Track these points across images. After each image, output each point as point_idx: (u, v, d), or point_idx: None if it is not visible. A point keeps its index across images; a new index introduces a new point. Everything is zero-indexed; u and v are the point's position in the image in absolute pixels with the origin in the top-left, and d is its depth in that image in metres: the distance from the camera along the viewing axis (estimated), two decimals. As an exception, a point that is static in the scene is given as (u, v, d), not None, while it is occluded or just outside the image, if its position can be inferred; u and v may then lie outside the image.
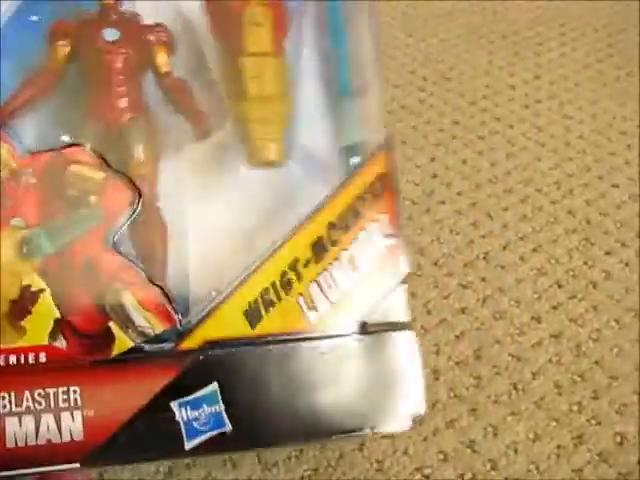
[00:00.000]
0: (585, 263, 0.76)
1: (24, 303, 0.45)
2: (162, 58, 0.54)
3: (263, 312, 0.47)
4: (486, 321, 0.70)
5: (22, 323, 0.45)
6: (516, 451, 0.59)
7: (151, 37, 0.54)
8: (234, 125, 0.52)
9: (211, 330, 0.46)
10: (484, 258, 0.77)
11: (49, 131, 0.51)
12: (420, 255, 0.77)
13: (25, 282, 0.45)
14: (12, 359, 0.45)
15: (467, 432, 0.60)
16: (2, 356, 0.45)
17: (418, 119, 0.99)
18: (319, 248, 0.48)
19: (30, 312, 0.45)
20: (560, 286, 0.74)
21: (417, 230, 0.80)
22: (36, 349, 0.45)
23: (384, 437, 0.59)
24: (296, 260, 0.48)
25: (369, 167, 0.51)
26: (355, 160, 0.51)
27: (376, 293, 0.49)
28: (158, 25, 0.54)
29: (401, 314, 0.50)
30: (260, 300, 0.47)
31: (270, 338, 0.47)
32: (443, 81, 1.08)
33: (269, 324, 0.47)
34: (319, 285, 0.48)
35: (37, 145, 0.49)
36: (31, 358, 0.45)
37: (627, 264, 0.76)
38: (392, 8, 1.27)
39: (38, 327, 0.45)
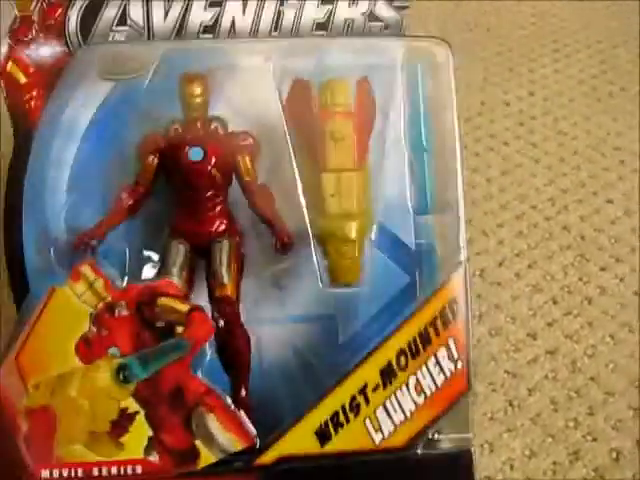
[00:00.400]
0: (580, 279, 0.77)
1: (123, 423, 0.51)
2: (246, 164, 0.55)
3: (332, 432, 0.51)
4: (482, 338, 0.70)
5: (121, 440, 0.50)
6: (512, 467, 0.60)
7: (235, 144, 0.54)
8: (314, 240, 0.54)
9: (284, 447, 0.51)
10: (480, 275, 0.77)
11: (137, 248, 0.54)
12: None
13: (123, 405, 0.51)
14: (113, 470, 0.51)
15: (464, 449, 0.61)
16: (104, 468, 0.51)
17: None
18: (388, 373, 0.51)
19: (128, 430, 0.50)
20: (555, 302, 0.74)
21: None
22: (133, 462, 0.51)
23: None
24: (365, 385, 0.51)
25: (442, 291, 0.53)
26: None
27: (439, 414, 0.51)
28: (243, 133, 0.55)
29: (463, 433, 0.52)
30: (330, 422, 0.51)
31: (337, 455, 0.51)
32: (438, 98, 1.08)
33: (337, 443, 0.51)
34: (385, 409, 0.51)
35: (127, 267, 0.54)
36: (129, 470, 0.51)
37: (622, 279, 0.77)
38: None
39: (135, 443, 0.51)
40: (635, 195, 0.88)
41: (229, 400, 0.51)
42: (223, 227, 0.55)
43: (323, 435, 0.51)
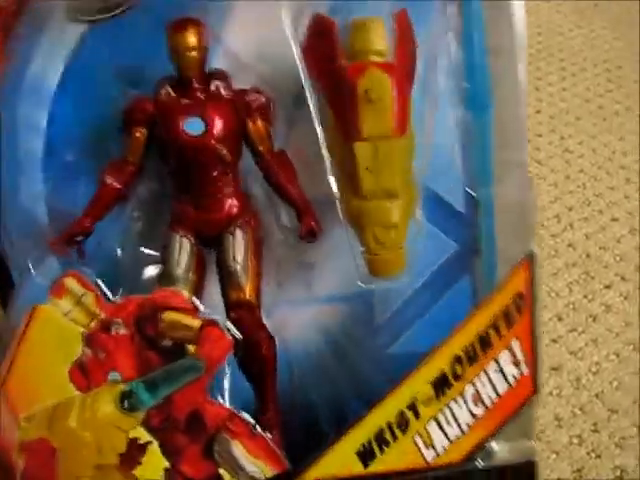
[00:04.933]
0: (585, 296, 0.77)
1: (133, 454, 0.44)
2: (259, 130, 0.45)
3: (377, 452, 0.44)
4: (487, 354, 0.71)
5: (133, 472, 0.44)
6: (517, 483, 0.60)
7: (243, 105, 0.44)
8: (347, 226, 0.45)
9: (323, 469, 0.44)
10: (485, 291, 0.78)
11: (131, 244, 0.46)
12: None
13: (132, 435, 0.44)
14: None
15: (468, 464, 0.61)
16: None
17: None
18: (441, 384, 0.44)
19: (140, 463, 0.44)
20: (560, 319, 0.74)
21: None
22: None
23: None
24: (415, 399, 0.44)
25: (505, 288, 0.44)
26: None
27: (500, 425, 0.45)
28: (252, 90, 0.45)
29: (525, 440, 0.46)
30: (374, 440, 0.44)
31: (383, 476, 0.45)
32: (445, 115, 1.09)
33: (383, 462, 0.44)
34: (438, 422, 0.44)
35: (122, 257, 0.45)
36: None
37: (626, 297, 0.77)
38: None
39: (149, 476, 0.44)
40: (640, 214, 0.88)
41: (253, 422, 0.45)
42: (235, 210, 0.45)
43: (366, 455, 0.44)
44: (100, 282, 0.45)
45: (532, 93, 1.14)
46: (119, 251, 0.46)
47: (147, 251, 0.46)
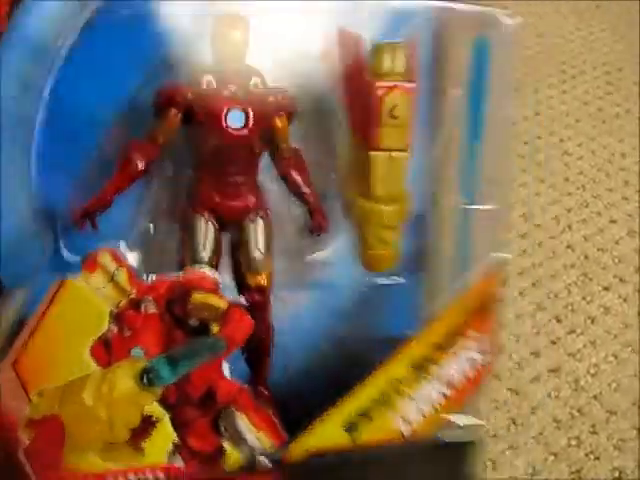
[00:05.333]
0: (584, 298, 0.77)
1: (145, 428, 0.45)
2: (284, 128, 0.47)
3: (361, 426, 0.48)
4: (485, 355, 0.71)
5: (142, 444, 0.45)
6: (515, 485, 0.60)
7: (274, 104, 0.46)
8: (348, 221, 0.50)
9: (313, 442, 0.48)
10: (484, 293, 0.78)
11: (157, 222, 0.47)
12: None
13: (146, 411, 0.45)
14: (131, 477, 0.46)
15: (466, 466, 0.61)
16: (121, 477, 0.45)
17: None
18: (420, 367, 0.49)
19: (150, 434, 0.45)
20: (559, 321, 0.74)
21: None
22: (155, 469, 0.46)
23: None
24: (396, 379, 0.49)
25: (478, 287, 0.50)
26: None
27: (463, 404, 0.50)
28: (281, 89, 0.47)
29: (478, 422, 0.51)
30: (360, 416, 0.48)
31: (364, 448, 0.49)
32: (444, 117, 1.09)
33: (365, 436, 0.48)
34: (415, 401, 0.49)
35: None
36: (150, 476, 0.46)
37: (625, 299, 0.77)
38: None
39: (157, 449, 0.46)
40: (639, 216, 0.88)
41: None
42: (255, 200, 0.48)
43: (352, 429, 0.48)
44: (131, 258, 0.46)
45: (531, 96, 1.14)
46: (152, 228, 0.48)
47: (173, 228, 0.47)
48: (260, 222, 0.48)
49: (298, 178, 0.48)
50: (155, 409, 0.45)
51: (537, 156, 1.00)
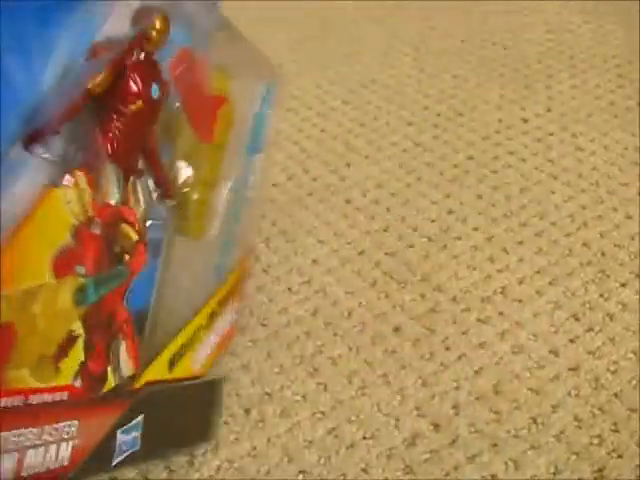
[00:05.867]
0: (601, 295, 0.77)
1: (65, 346, 0.49)
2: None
3: (176, 362, 0.60)
4: (505, 356, 0.71)
5: (59, 364, 0.49)
6: (538, 485, 0.60)
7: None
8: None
9: (150, 374, 0.57)
10: (501, 292, 0.78)
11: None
12: (438, 292, 0.78)
13: (71, 327, 0.49)
14: (47, 397, 0.49)
15: (488, 467, 0.61)
16: (38, 394, 0.48)
17: (432, 155, 1.01)
18: (211, 317, 0.64)
19: (67, 355, 0.49)
20: (577, 319, 0.75)
21: (435, 267, 0.81)
22: (63, 388, 0.50)
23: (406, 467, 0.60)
24: (200, 326, 0.63)
25: (239, 267, 0.70)
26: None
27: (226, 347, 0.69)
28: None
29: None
30: (176, 354, 0.60)
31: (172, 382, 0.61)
32: (456, 116, 1.09)
33: (178, 371, 0.60)
34: (204, 345, 0.64)
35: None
36: (58, 397, 0.49)
37: (643, 295, 0.77)
38: (404, 44, 1.30)
39: (69, 369, 0.49)
40: (654, 210, 0.88)
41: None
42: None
43: (172, 364, 0.59)
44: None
45: (542, 91, 1.14)
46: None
47: None
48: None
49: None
50: (77, 327, 0.49)
51: (550, 153, 1.00)
